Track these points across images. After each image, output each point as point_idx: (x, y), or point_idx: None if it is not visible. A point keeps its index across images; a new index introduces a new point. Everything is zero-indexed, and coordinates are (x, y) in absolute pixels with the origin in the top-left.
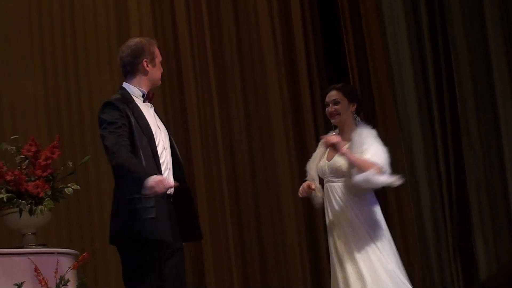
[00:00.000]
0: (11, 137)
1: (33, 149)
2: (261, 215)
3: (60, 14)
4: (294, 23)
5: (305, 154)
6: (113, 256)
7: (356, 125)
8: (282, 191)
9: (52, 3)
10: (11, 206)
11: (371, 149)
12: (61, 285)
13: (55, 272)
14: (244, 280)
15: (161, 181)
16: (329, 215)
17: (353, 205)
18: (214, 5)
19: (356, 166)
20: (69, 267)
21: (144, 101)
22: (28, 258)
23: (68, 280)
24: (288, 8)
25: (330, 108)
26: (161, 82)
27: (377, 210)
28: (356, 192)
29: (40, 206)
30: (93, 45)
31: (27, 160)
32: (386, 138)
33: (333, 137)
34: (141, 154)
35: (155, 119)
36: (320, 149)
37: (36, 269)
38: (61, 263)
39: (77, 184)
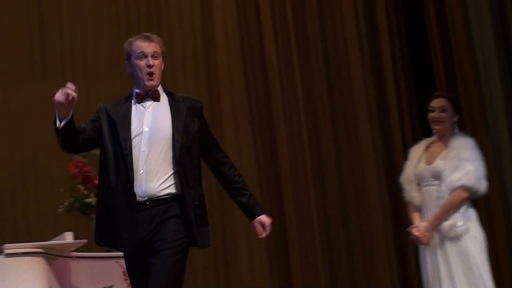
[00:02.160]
0: None
1: None
2: (348, 216)
3: (147, 24)
4: (380, 31)
5: (391, 158)
6: (201, 260)
7: (454, 135)
8: (369, 193)
9: (141, 18)
10: None
11: (464, 166)
12: None
13: None
14: (331, 279)
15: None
16: (429, 219)
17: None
18: (300, 10)
19: (447, 213)
20: None
21: (139, 102)
22: (117, 262)
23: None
24: (374, 16)
25: (436, 114)
26: (151, 80)
27: (475, 215)
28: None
29: None
30: (179, 49)
31: None
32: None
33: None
34: (110, 157)
35: (144, 120)
36: (415, 152)
37: (124, 273)
38: None
39: None
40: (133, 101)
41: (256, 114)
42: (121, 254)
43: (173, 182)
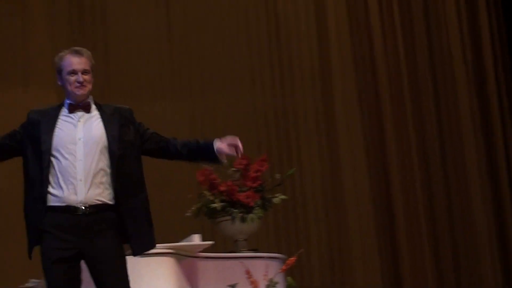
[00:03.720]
0: None
1: (244, 162)
2: (454, 219)
3: (267, 35)
4: (482, 34)
5: (493, 157)
6: (317, 260)
7: None
8: (472, 193)
9: (261, 35)
10: (225, 214)
11: None
12: (270, 287)
13: (265, 275)
14: (438, 278)
15: None
16: None
17: None
18: (408, 29)
19: None
20: (278, 271)
21: (70, 112)
22: (241, 262)
23: (276, 282)
24: (477, 23)
25: None
26: (82, 92)
27: None
28: None
29: (250, 215)
30: (297, 64)
31: (239, 173)
32: None
33: None
34: (35, 166)
35: (77, 130)
36: None
37: (247, 272)
38: (270, 267)
39: (284, 194)
40: (63, 112)
41: (367, 124)
42: (245, 254)
43: (109, 190)
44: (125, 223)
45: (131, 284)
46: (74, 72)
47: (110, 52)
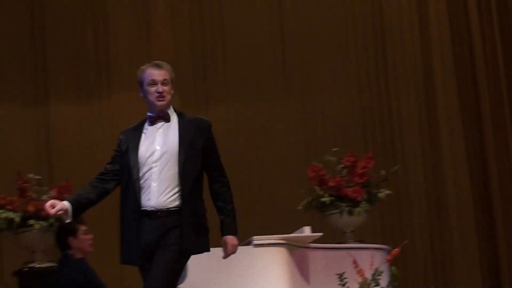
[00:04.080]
0: (332, 150)
1: (352, 159)
2: None
3: (373, 38)
4: None
5: None
6: (420, 252)
7: None
8: None
9: (367, 30)
10: (333, 208)
11: None
12: (375, 276)
13: (371, 265)
14: None
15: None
16: None
17: None
18: (505, 17)
19: None
20: (383, 261)
21: (152, 124)
22: (348, 252)
23: (381, 272)
24: None
25: None
26: (161, 103)
27: None
28: None
29: (357, 208)
30: (401, 67)
31: (346, 169)
32: None
33: None
34: (128, 180)
35: (156, 141)
36: None
37: (354, 262)
38: (376, 257)
39: (388, 190)
40: (146, 124)
41: (468, 125)
42: (352, 245)
43: (178, 195)
44: (184, 225)
45: (249, 270)
46: (154, 83)
47: (227, 59)
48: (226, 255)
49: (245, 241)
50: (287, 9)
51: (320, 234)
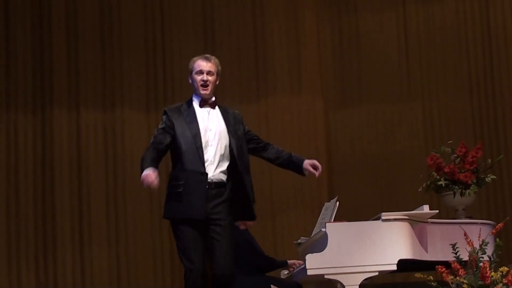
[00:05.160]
0: (448, 142)
1: (463, 150)
2: None
3: (481, 47)
4: None
5: None
6: None
7: None
8: None
9: (476, 39)
10: (448, 190)
11: None
12: (483, 246)
13: (478, 237)
14: None
15: (145, 176)
16: None
17: None
18: None
19: None
20: (489, 234)
21: (200, 107)
22: (460, 226)
23: (487, 243)
24: None
25: None
26: (205, 91)
27: None
28: None
29: (468, 190)
30: (506, 73)
31: (459, 158)
32: None
33: None
34: (182, 146)
35: (208, 122)
36: None
37: (465, 234)
38: (483, 231)
39: (494, 175)
40: (196, 106)
41: None
42: (463, 220)
43: (230, 171)
44: (234, 197)
45: (379, 240)
46: (201, 72)
47: (362, 61)
48: (319, 173)
49: (375, 216)
50: (412, 27)
51: (437, 211)
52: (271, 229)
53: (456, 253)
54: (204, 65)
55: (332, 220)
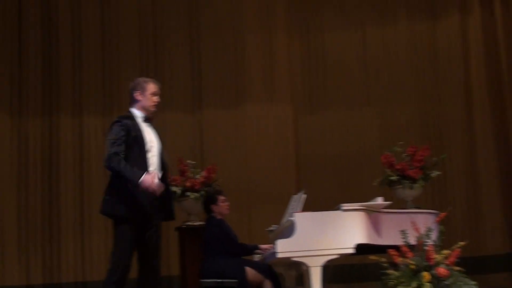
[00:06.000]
0: (399, 143)
1: (412, 150)
2: None
3: (429, 65)
4: None
5: None
6: (459, 215)
7: None
8: None
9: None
10: (399, 184)
11: None
12: (428, 232)
13: (425, 224)
14: None
15: (151, 176)
16: None
17: None
18: None
19: None
20: (433, 222)
21: (144, 121)
22: (408, 216)
23: (432, 229)
24: None
25: None
26: (154, 109)
27: None
28: None
29: (416, 184)
30: (445, 84)
31: (409, 157)
32: None
33: None
34: (131, 155)
35: (151, 135)
36: None
37: (413, 223)
38: (428, 219)
39: (438, 171)
40: (138, 120)
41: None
42: (412, 210)
43: (162, 177)
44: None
45: (340, 227)
46: (155, 94)
47: (326, 74)
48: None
49: (336, 207)
50: (369, 45)
51: (390, 202)
52: (247, 218)
53: (405, 238)
54: (157, 88)
55: (300, 210)
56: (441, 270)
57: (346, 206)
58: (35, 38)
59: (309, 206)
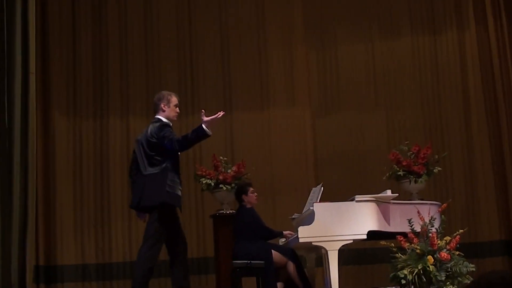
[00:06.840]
0: (405, 142)
1: (417, 148)
2: None
3: (430, 74)
4: None
5: None
6: (459, 207)
7: None
8: None
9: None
10: (405, 178)
11: None
12: (431, 221)
13: (428, 214)
14: None
15: (209, 119)
16: None
17: None
18: None
19: None
20: (436, 212)
21: None
22: (414, 206)
23: (435, 218)
24: None
25: None
26: (176, 118)
27: None
28: None
29: (420, 179)
30: (445, 96)
31: (413, 154)
32: None
33: None
34: (173, 161)
35: None
36: None
37: (418, 212)
38: (431, 209)
39: (440, 167)
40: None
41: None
42: (417, 202)
43: None
44: None
45: (353, 216)
46: (177, 106)
47: (340, 81)
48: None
49: (350, 198)
50: (378, 56)
51: (396, 194)
52: (271, 207)
53: (411, 226)
54: (178, 100)
55: (318, 201)
56: (443, 254)
57: (359, 197)
58: (86, 46)
59: (326, 197)
